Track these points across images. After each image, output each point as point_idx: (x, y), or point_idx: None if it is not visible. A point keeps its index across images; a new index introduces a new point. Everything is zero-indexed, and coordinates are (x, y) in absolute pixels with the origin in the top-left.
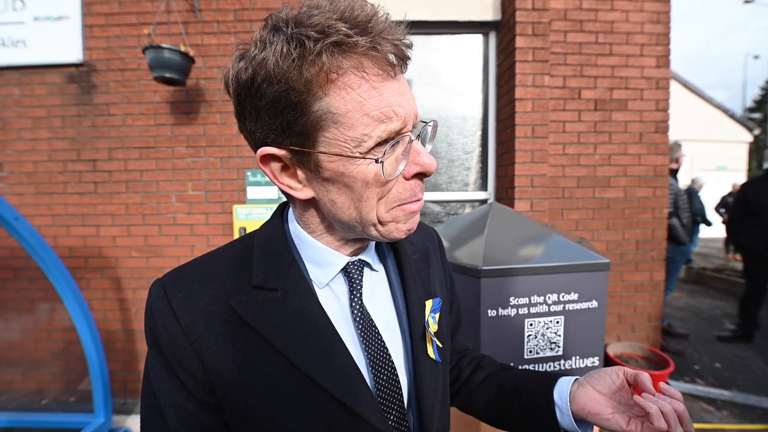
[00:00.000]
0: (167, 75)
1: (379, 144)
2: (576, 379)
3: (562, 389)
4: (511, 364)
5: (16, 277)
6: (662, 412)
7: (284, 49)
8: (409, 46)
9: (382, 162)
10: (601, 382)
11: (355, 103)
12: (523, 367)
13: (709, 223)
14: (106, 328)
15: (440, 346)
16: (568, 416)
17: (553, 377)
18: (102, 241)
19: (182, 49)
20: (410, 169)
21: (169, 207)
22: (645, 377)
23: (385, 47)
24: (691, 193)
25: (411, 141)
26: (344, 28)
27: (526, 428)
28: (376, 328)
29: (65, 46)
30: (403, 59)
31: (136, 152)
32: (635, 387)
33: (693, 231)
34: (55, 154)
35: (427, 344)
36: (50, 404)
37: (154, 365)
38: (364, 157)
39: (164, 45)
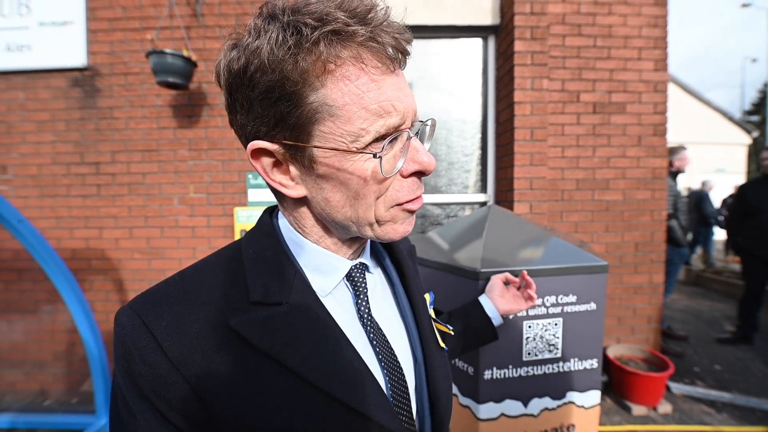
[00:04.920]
0: (170, 80)
1: (377, 140)
2: (483, 296)
3: (486, 305)
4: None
5: (20, 278)
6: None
7: (280, 37)
8: (409, 41)
9: (380, 157)
10: (495, 291)
11: (353, 95)
12: (523, 370)
13: (722, 226)
14: (108, 330)
15: (451, 333)
16: (497, 318)
17: (474, 300)
18: (105, 244)
19: (185, 53)
20: (408, 166)
21: (171, 209)
22: (508, 275)
23: (385, 39)
24: (703, 196)
25: (410, 138)
26: (343, 17)
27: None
28: (382, 330)
29: (70, 50)
30: (403, 54)
31: (139, 155)
32: (508, 279)
33: (707, 234)
34: (59, 157)
35: (437, 335)
36: (53, 405)
37: (136, 415)
38: (361, 152)
39: (167, 50)
